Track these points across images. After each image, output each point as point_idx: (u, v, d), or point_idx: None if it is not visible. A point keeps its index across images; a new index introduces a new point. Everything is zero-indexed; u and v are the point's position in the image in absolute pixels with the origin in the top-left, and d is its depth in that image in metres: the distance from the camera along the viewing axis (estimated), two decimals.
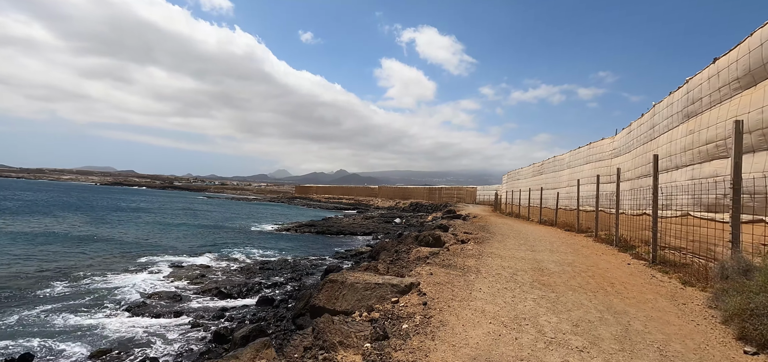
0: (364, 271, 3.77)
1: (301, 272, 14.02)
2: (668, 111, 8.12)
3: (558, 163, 19.44)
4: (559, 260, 6.25)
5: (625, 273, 5.26)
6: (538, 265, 5.46)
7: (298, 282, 12.73)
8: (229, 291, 11.25)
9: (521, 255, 6.56)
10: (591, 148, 15.10)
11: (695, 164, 6.69)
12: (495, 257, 5.97)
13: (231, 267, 14.84)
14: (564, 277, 4.69)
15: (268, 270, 14.21)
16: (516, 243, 8.60)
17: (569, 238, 10.82)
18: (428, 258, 5.34)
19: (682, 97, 7.41)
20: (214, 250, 18.87)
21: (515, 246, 8.02)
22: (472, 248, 6.70)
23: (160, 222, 31.79)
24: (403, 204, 66.95)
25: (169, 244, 19.94)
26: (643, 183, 9.59)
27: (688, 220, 6.74)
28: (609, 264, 6.16)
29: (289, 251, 20.22)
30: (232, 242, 22.44)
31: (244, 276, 13.34)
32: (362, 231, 29.98)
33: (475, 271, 4.57)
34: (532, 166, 25.19)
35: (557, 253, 7.10)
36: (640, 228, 9.41)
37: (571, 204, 16.59)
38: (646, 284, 4.56)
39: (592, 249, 8.33)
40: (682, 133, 7.29)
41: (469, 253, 6.02)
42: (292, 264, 15.43)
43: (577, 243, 9.40)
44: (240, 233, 27.23)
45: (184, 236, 23.74)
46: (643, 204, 9.42)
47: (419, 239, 8.07)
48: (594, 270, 5.31)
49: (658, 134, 8.64)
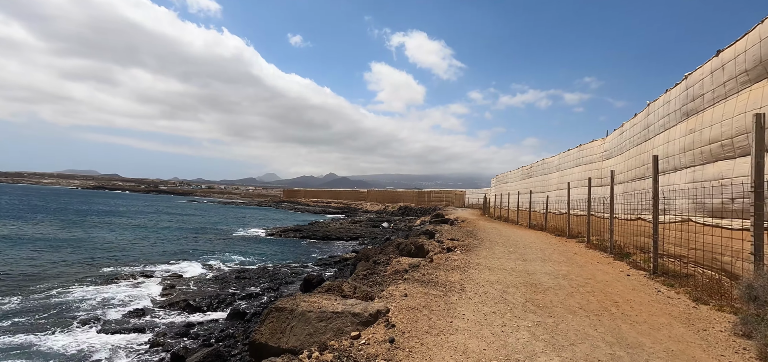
0: (323, 294, 3.11)
1: (280, 281, 13.24)
2: (664, 110, 7.65)
3: (547, 165, 19.05)
4: (553, 271, 5.67)
5: (627, 287, 4.71)
6: (531, 279, 4.86)
7: (275, 293, 11.96)
8: (199, 303, 10.43)
9: (511, 265, 5.97)
10: (581, 150, 14.69)
11: (697, 166, 6.19)
12: (482, 269, 5.35)
13: (206, 276, 13.97)
14: (561, 294, 4.10)
15: (244, 279, 13.39)
16: (505, 251, 8.01)
17: (560, 244, 10.30)
18: (407, 271, 4.69)
19: (680, 95, 6.93)
20: (190, 257, 17.93)
21: (504, 255, 7.43)
22: (458, 258, 6.09)
23: (137, 227, 30.54)
24: (392, 207, 66.39)
25: (141, 251, 18.89)
26: (636, 186, 9.13)
27: (690, 227, 6.24)
28: (607, 275, 5.60)
29: (270, 257, 19.38)
30: (211, 248, 21.48)
31: (218, 287, 12.50)
32: (349, 236, 29.24)
33: (459, 290, 3.93)
34: (520, 169, 24.82)
35: (550, 263, 6.54)
36: (635, 233, 8.93)
37: (561, 208, 16.16)
38: (654, 302, 4.00)
39: (586, 257, 7.80)
40: (681, 132, 6.80)
41: (454, 265, 5.40)
42: (271, 272, 14.63)
43: (570, 250, 8.87)
44: (221, 238, 26.21)
45: (159, 242, 22.65)
46: (637, 208, 8.94)
47: (401, 248, 7.41)
48: (593, 284, 4.74)
49: (654, 134, 8.17)
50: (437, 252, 6.97)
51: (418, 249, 7.19)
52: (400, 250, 7.34)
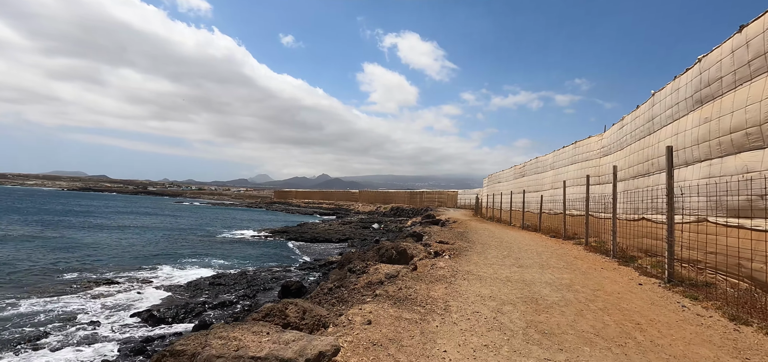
0: (256, 323, 2.28)
1: (258, 287, 12.32)
2: (673, 98, 6.94)
3: (541, 164, 18.39)
4: (555, 281, 4.90)
5: (644, 301, 3.95)
6: (530, 292, 4.07)
7: (251, 301, 11.05)
8: (164, 314, 9.48)
9: (506, 274, 5.18)
10: (576, 148, 14.03)
11: (714, 159, 5.47)
12: (472, 279, 4.56)
13: (178, 283, 12.99)
14: (569, 314, 3.31)
15: (219, 285, 12.44)
16: (499, 256, 7.23)
17: (558, 247, 9.56)
18: (382, 283, 3.90)
19: (693, 80, 6.20)
20: (165, 261, 16.89)
21: (498, 260, 6.65)
22: (445, 265, 5.29)
23: (115, 228, 29.24)
24: (384, 208, 65.67)
25: (113, 255, 17.79)
26: (639, 183, 8.42)
27: (706, 228, 5.51)
28: (616, 285, 4.85)
29: (253, 260, 18.42)
30: (191, 251, 20.43)
31: (190, 294, 11.55)
32: (337, 237, 28.37)
33: (442, 310, 3.11)
34: (513, 167, 24.19)
35: (549, 270, 5.77)
36: (638, 235, 8.22)
37: (556, 208, 15.48)
38: (683, 322, 3.25)
39: (587, 261, 7.05)
40: (693, 122, 6.08)
41: (439, 274, 4.60)
42: (250, 277, 13.69)
43: (568, 254, 8.13)
44: (203, 241, 25.12)
45: (135, 245, 21.51)
46: (640, 207, 8.24)
47: (381, 253, 6.57)
48: (603, 298, 3.97)
49: (660, 126, 7.46)
50: (422, 257, 6.17)
51: (401, 255, 6.35)
52: (380, 256, 6.50)
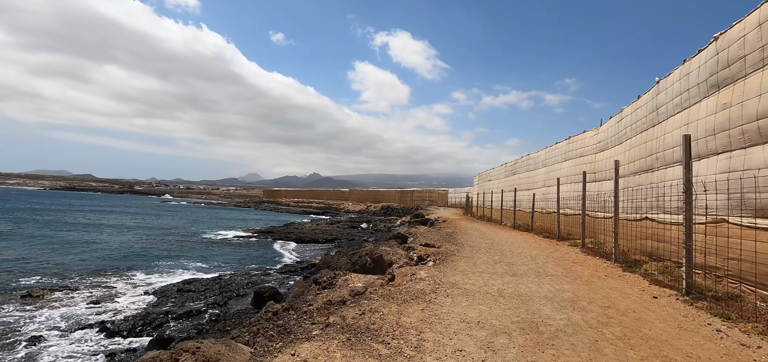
0: None
1: (231, 294, 11.40)
2: (682, 84, 6.23)
3: (532, 161, 17.74)
4: (556, 294, 4.14)
5: (669, 323, 3.19)
6: (529, 312, 3.28)
7: (221, 309, 10.14)
8: (120, 326, 8.52)
9: (498, 286, 4.40)
10: (570, 143, 13.37)
11: (735, 150, 4.76)
12: (457, 295, 3.75)
13: (145, 290, 11.99)
14: (581, 348, 2.50)
15: (189, 292, 11.47)
16: (489, 261, 6.46)
17: (552, 249, 8.85)
18: (345, 303, 3.08)
19: (707, 62, 5.49)
20: (138, 265, 15.82)
21: (488, 267, 5.88)
22: (427, 275, 4.50)
23: (89, 228, 27.88)
24: (375, 207, 64.97)
25: (80, 258, 16.64)
26: (642, 180, 7.73)
27: (728, 230, 4.80)
28: (629, 299, 4.10)
29: (233, 263, 17.44)
30: (168, 254, 19.35)
31: (154, 303, 10.59)
32: (324, 238, 27.47)
33: (413, 348, 2.19)
34: (504, 165, 23.56)
35: (548, 278, 5.01)
36: (641, 236, 7.52)
37: (548, 207, 14.83)
38: (729, 358, 2.50)
39: (588, 266, 6.32)
40: (708, 109, 5.37)
41: (418, 289, 3.80)
42: (225, 282, 12.74)
43: (565, 258, 7.40)
44: (184, 242, 23.99)
45: (108, 247, 20.32)
46: (643, 206, 7.55)
47: (354, 260, 5.72)
48: (619, 320, 3.20)
49: (666, 117, 6.76)
50: (403, 264, 5.37)
51: (376, 263, 5.52)
52: (353, 264, 5.66)
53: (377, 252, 5.71)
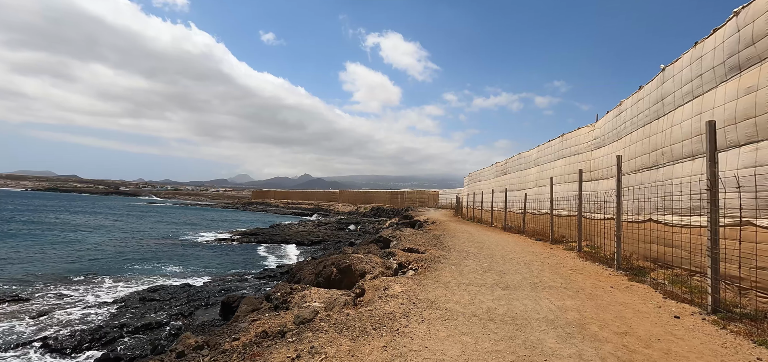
0: None
1: (199, 302, 10.46)
2: (693, 70, 5.54)
3: (524, 160, 17.10)
4: (558, 315, 3.37)
5: (706, 357, 2.46)
6: (526, 344, 2.47)
7: (185, 320, 9.21)
8: (63, 343, 7.56)
9: (487, 303, 3.63)
10: (564, 141, 12.72)
11: (763, 141, 4.05)
12: (436, 320, 2.95)
13: (105, 299, 10.97)
14: None
15: (152, 301, 10.50)
16: (478, 269, 5.70)
17: (547, 254, 8.12)
18: (282, 338, 2.30)
19: (727, 41, 4.79)
20: (107, 271, 14.74)
21: (477, 277, 5.11)
22: (402, 290, 3.71)
23: (68, 229, 26.50)
24: (365, 208, 64.18)
25: (41, 263, 15.46)
26: (644, 177, 7.05)
27: (753, 234, 4.09)
28: (647, 321, 3.36)
29: (209, 268, 16.44)
30: (143, 258, 18.24)
31: (111, 313, 9.60)
32: (310, 240, 26.55)
33: None
34: (494, 165, 22.93)
35: (546, 292, 4.26)
36: (644, 240, 6.83)
37: (541, 208, 14.17)
38: None
39: (588, 275, 5.59)
40: (728, 94, 4.67)
41: (386, 311, 3.02)
42: (194, 290, 11.77)
43: (562, 264, 6.67)
44: (162, 245, 22.84)
45: (75, 251, 19.12)
46: (646, 206, 6.86)
47: (319, 271, 4.88)
48: (642, 352, 2.44)
49: (674, 107, 6.07)
50: (377, 274, 4.56)
51: (344, 274, 4.67)
52: (317, 274, 4.81)
53: (345, 262, 4.85)
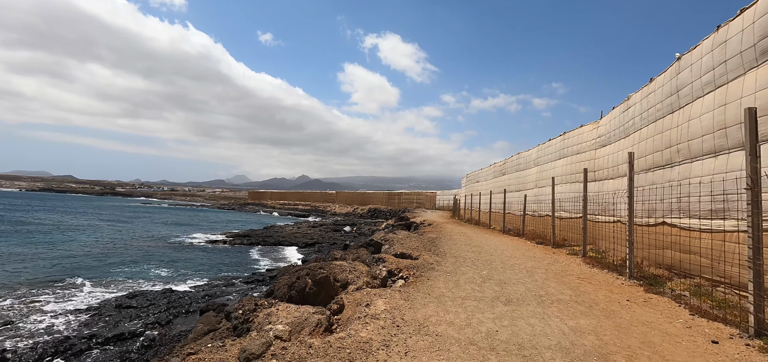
0: None
1: (179, 310, 9.84)
2: (716, 56, 4.97)
3: (523, 160, 16.55)
4: (572, 339, 2.79)
5: None
6: None
7: (162, 330, 8.59)
8: (24, 357, 6.92)
9: (487, 324, 3.04)
10: (565, 139, 12.15)
11: None
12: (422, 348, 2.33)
13: (79, 306, 10.31)
14: None
15: (129, 309, 9.86)
16: (476, 278, 5.11)
17: (550, 259, 7.54)
18: None
19: (757, 21, 4.23)
20: (89, 275, 14.07)
21: (475, 288, 4.52)
22: (386, 307, 3.13)
23: (54, 229, 25.73)
24: (362, 210, 63.64)
25: (23, 267, 14.77)
26: (656, 177, 6.48)
27: None
28: (679, 346, 2.79)
29: (197, 272, 15.78)
30: (128, 261, 17.56)
31: (83, 322, 8.96)
32: (304, 242, 25.93)
33: None
34: (492, 165, 22.37)
35: (554, 307, 3.69)
36: (658, 245, 6.25)
37: (541, 209, 13.61)
38: None
39: (600, 285, 5.01)
40: (760, 81, 4.10)
41: (362, 340, 2.43)
42: (175, 296, 11.12)
43: (568, 271, 6.09)
44: (150, 247, 22.15)
45: (66, 252, 18.42)
46: (658, 208, 6.30)
47: (292, 284, 4.24)
48: None
49: (692, 99, 5.51)
50: (361, 285, 3.97)
51: (320, 287, 4.03)
52: (290, 287, 4.18)
53: (322, 273, 4.21)
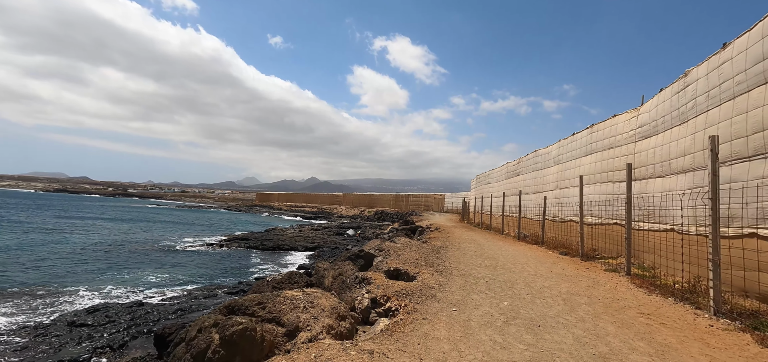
0: None
1: (139, 329, 8.44)
2: None
3: (541, 158, 14.86)
4: None
5: None
6: None
7: (111, 355, 7.18)
8: None
9: None
10: (594, 133, 10.48)
11: None
12: None
13: (26, 321, 9.00)
14: None
15: (84, 326, 8.50)
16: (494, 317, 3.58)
17: (587, 280, 5.93)
18: None
19: None
20: (61, 282, 12.85)
21: (495, 337, 3.00)
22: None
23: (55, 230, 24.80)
24: (368, 212, 62.34)
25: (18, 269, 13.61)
26: (737, 172, 4.84)
27: None
28: None
29: (181, 278, 14.45)
30: (112, 266, 16.34)
31: (20, 346, 7.61)
32: (304, 245, 24.53)
33: None
34: (505, 165, 20.67)
35: None
36: (740, 265, 4.61)
37: (562, 214, 11.93)
38: None
39: (680, 330, 3.44)
40: None
41: None
42: (145, 309, 9.75)
43: (621, 301, 4.49)
44: (141, 251, 20.98)
45: (47, 255, 17.29)
46: (742, 215, 4.66)
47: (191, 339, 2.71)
48: None
49: None
50: (317, 333, 2.45)
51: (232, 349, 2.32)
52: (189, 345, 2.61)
53: (237, 326, 2.50)
